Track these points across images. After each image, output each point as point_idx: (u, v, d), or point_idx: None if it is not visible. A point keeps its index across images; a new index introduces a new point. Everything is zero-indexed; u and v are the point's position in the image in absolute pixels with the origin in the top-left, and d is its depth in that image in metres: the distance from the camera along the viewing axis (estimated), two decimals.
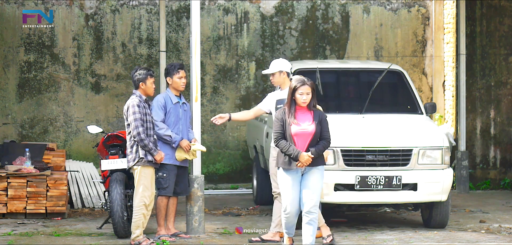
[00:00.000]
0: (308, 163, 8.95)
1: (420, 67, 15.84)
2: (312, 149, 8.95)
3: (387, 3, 15.75)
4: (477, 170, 15.61)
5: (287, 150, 8.96)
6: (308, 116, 9.03)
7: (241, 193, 14.80)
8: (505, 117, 15.57)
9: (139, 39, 15.19)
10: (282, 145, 8.99)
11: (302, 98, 8.99)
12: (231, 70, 15.40)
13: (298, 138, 8.99)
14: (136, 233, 10.07)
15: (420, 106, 12.00)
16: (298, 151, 8.93)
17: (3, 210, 11.94)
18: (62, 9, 15.01)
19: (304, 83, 9.00)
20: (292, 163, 8.98)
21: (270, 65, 10.53)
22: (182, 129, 10.50)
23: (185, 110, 10.61)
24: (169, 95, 10.52)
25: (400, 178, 10.82)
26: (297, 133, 8.98)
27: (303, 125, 8.99)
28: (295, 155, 8.93)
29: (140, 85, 10.12)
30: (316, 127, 8.99)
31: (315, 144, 9.00)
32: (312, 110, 9.06)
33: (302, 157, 8.92)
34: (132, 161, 10.03)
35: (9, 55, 14.89)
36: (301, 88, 8.98)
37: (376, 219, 12.17)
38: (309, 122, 9.01)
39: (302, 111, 9.04)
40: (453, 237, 10.81)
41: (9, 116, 14.87)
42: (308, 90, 9.00)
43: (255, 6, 15.49)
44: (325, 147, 9.04)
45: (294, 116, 8.98)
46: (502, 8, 15.49)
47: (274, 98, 10.47)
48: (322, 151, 9.03)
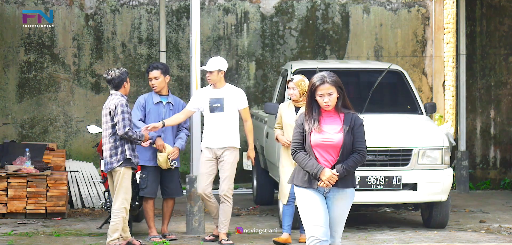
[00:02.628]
0: (332, 182, 6.96)
1: (420, 67, 15.84)
2: (338, 166, 6.96)
3: (387, 3, 15.75)
4: (477, 170, 15.61)
5: (306, 165, 7.00)
6: (335, 122, 7.05)
7: (241, 193, 14.80)
8: (505, 117, 15.56)
9: (139, 39, 15.19)
10: (300, 159, 7.05)
11: (323, 101, 6.99)
12: (231, 70, 15.40)
13: (320, 150, 7.02)
14: (113, 237, 9.76)
15: (420, 106, 12.00)
16: (319, 167, 6.95)
17: (3, 210, 11.95)
18: (62, 9, 15.01)
19: (324, 81, 7.00)
20: (312, 181, 7.02)
21: (209, 63, 10.36)
22: (165, 130, 10.43)
23: (171, 109, 10.50)
24: (151, 95, 10.52)
25: (400, 178, 10.82)
26: (319, 143, 7.00)
27: (327, 134, 7.00)
28: (315, 172, 6.95)
29: (123, 85, 9.88)
30: (345, 136, 6.96)
31: (345, 158, 6.99)
32: (343, 112, 7.06)
33: (324, 174, 6.94)
34: (116, 163, 9.70)
35: (9, 55, 14.89)
36: (320, 87, 7.00)
37: (376, 219, 12.17)
38: (336, 129, 7.01)
39: (329, 115, 7.06)
40: (453, 237, 10.81)
41: (9, 116, 14.87)
42: (330, 89, 6.99)
43: (255, 6, 15.49)
44: (357, 162, 7.00)
45: (317, 122, 7.02)
46: (502, 8, 15.49)
47: (205, 96, 10.33)
48: (353, 168, 7.01)
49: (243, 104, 10.38)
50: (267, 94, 15.32)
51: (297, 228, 10.68)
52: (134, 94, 15.16)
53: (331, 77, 7.02)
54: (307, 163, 6.99)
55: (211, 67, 10.29)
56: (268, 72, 15.47)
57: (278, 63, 15.36)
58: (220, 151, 10.26)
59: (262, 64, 15.44)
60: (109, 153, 9.73)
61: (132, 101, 15.09)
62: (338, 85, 7.03)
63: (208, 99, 10.28)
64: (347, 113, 7.04)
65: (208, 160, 10.28)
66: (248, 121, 10.45)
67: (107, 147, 9.76)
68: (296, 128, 7.14)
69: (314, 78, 7.06)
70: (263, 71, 15.48)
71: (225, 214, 10.29)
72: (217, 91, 10.30)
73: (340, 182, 6.98)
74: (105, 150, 9.78)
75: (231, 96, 10.31)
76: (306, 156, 7.01)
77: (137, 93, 15.13)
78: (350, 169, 6.98)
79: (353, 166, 6.98)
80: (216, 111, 10.25)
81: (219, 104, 10.25)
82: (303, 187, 7.05)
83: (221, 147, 10.26)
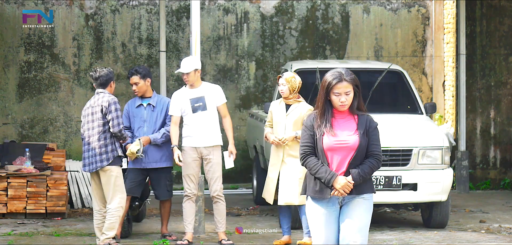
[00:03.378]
0: (347, 190, 6.42)
1: (420, 67, 15.84)
2: (354, 171, 6.42)
3: (387, 3, 15.75)
4: (477, 170, 15.61)
5: (317, 172, 6.42)
6: (350, 124, 6.52)
7: (241, 193, 14.80)
8: (505, 117, 15.57)
9: (139, 39, 15.19)
10: (311, 164, 6.46)
11: (339, 100, 6.44)
12: (231, 70, 15.40)
13: (334, 154, 6.46)
14: (108, 235, 9.59)
15: (420, 106, 12.00)
16: (333, 173, 6.40)
17: (3, 210, 11.94)
18: (62, 9, 15.01)
19: (341, 79, 6.44)
20: (325, 190, 6.44)
21: (184, 64, 10.28)
22: (146, 132, 10.39)
23: (152, 111, 10.45)
24: (134, 101, 10.54)
25: (400, 178, 10.82)
26: (332, 146, 6.44)
27: (341, 136, 6.46)
28: (328, 179, 6.40)
29: (110, 84, 9.75)
30: (360, 138, 6.45)
31: (358, 163, 6.46)
32: (357, 114, 6.54)
33: (338, 182, 6.39)
34: (106, 161, 9.53)
35: (9, 55, 14.89)
36: (338, 85, 6.43)
37: (376, 219, 12.16)
38: (351, 131, 6.48)
39: (342, 116, 6.52)
40: (453, 237, 10.81)
41: (9, 116, 14.87)
42: (348, 88, 6.44)
43: (255, 6, 15.49)
44: (373, 168, 6.48)
45: (330, 124, 6.45)
46: (502, 8, 15.49)
47: (184, 97, 10.27)
48: (369, 174, 6.48)
49: (222, 100, 10.36)
50: (267, 94, 15.32)
51: (297, 228, 10.67)
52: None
53: (349, 75, 6.46)
54: (319, 169, 6.41)
55: (187, 69, 10.21)
56: (268, 72, 15.47)
57: (278, 63, 15.36)
58: (207, 151, 10.22)
59: (262, 64, 15.44)
60: (99, 151, 9.53)
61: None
62: (355, 84, 6.49)
63: (189, 99, 10.21)
64: (361, 115, 6.52)
65: (194, 160, 10.22)
66: (227, 117, 10.39)
67: (96, 145, 9.56)
68: (305, 130, 6.53)
69: (330, 75, 6.46)
70: (263, 71, 15.48)
71: (221, 213, 10.30)
72: (196, 90, 10.25)
73: (356, 189, 6.44)
74: (93, 148, 9.58)
75: (211, 94, 10.29)
76: (318, 162, 6.44)
77: None
78: (366, 175, 6.43)
79: (369, 172, 6.45)
80: (199, 110, 10.19)
81: (201, 103, 10.21)
82: (314, 199, 6.48)
83: (208, 146, 10.23)
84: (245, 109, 15.33)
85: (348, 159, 6.44)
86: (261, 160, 13.01)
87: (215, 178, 10.24)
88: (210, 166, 10.24)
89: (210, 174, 10.26)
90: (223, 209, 10.31)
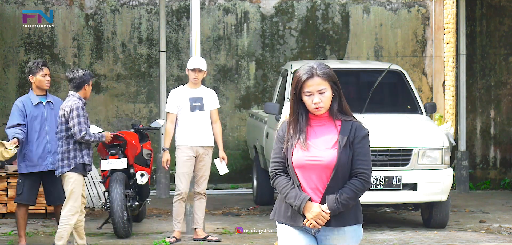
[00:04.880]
0: (322, 222, 5.01)
1: (420, 67, 15.84)
2: (331, 198, 4.98)
3: (387, 3, 15.75)
4: (477, 170, 15.61)
5: (287, 196, 5.05)
6: (329, 132, 5.07)
7: (241, 193, 14.80)
8: (505, 117, 15.57)
9: (139, 39, 15.19)
10: (280, 186, 5.11)
11: (312, 101, 5.03)
12: (231, 70, 15.40)
13: (306, 174, 5.04)
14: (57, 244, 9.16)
15: (420, 106, 12.00)
16: (303, 198, 5.01)
17: (3, 210, 11.94)
18: (62, 9, 15.00)
19: (312, 74, 5.03)
20: (297, 217, 5.07)
21: (200, 62, 10.35)
22: (49, 131, 9.63)
23: (51, 108, 9.69)
24: (29, 97, 9.62)
25: (400, 178, 10.82)
26: (302, 164, 5.03)
27: (314, 150, 5.02)
28: (298, 205, 5.01)
29: (84, 87, 9.24)
30: (340, 153, 4.98)
31: (339, 183, 5.00)
32: (339, 119, 5.08)
33: (310, 210, 4.99)
34: (67, 167, 9.07)
35: (9, 55, 14.89)
36: (308, 83, 5.03)
37: (376, 219, 12.17)
38: (330, 143, 5.04)
39: (320, 122, 5.09)
40: (453, 237, 10.81)
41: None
42: (321, 85, 5.02)
43: (255, 6, 15.49)
44: (357, 192, 4.99)
45: (305, 134, 5.04)
46: (502, 8, 15.48)
47: (183, 95, 10.34)
48: (352, 199, 5.00)
49: (216, 105, 10.51)
50: (267, 94, 15.32)
51: None
52: (134, 94, 15.17)
53: (323, 69, 5.04)
54: (289, 193, 5.03)
55: (204, 66, 10.38)
56: (268, 72, 15.47)
57: (278, 63, 15.36)
58: (202, 150, 10.34)
59: (262, 64, 15.44)
60: (61, 156, 9.10)
61: (134, 102, 15.13)
62: (332, 80, 5.04)
63: (188, 98, 10.34)
64: (345, 121, 5.05)
65: (189, 158, 10.33)
66: (218, 122, 10.53)
67: (59, 150, 9.14)
68: (277, 143, 5.14)
69: (300, 70, 5.09)
70: (263, 71, 15.48)
71: (202, 210, 10.46)
72: (196, 90, 10.38)
73: (335, 219, 5.00)
74: (58, 153, 9.18)
75: (208, 96, 10.44)
76: (288, 183, 5.05)
77: (137, 93, 15.15)
78: (347, 202, 4.97)
79: (351, 198, 4.97)
80: (197, 110, 10.32)
81: (200, 103, 10.34)
82: (286, 225, 5.11)
83: (204, 145, 10.35)
84: (245, 109, 15.34)
85: (325, 179, 5.01)
86: (261, 160, 13.01)
87: (205, 176, 10.41)
88: (203, 165, 10.38)
89: (201, 172, 10.39)
90: (204, 207, 10.48)
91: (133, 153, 10.87)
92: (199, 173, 10.39)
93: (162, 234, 10.81)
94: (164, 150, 10.42)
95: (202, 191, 10.42)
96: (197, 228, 10.43)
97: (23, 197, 9.73)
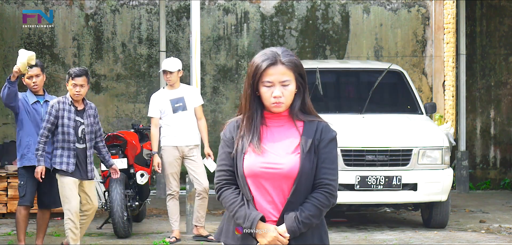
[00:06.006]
0: None
1: (420, 67, 15.84)
2: (290, 216, 4.04)
3: (387, 3, 15.75)
4: (477, 170, 15.61)
5: (235, 214, 4.16)
6: (290, 135, 4.13)
7: None
8: (505, 117, 15.57)
9: (139, 39, 15.19)
10: (227, 202, 4.18)
11: (272, 94, 4.11)
12: (231, 70, 15.40)
13: (261, 185, 4.10)
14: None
15: (420, 106, 12.00)
16: (255, 216, 4.10)
17: (3, 210, 11.94)
18: (62, 9, 15.01)
19: (276, 61, 4.10)
20: (249, 239, 4.18)
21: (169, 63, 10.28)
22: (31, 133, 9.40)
23: None
24: (26, 95, 9.47)
25: (400, 178, 10.82)
26: (257, 172, 4.08)
27: (272, 156, 4.09)
28: (248, 226, 4.13)
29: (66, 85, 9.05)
30: (303, 160, 4.05)
31: (301, 197, 4.06)
32: (301, 119, 4.14)
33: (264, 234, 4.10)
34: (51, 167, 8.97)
35: (9, 55, 14.89)
36: (269, 71, 4.11)
37: (376, 219, 12.17)
38: (290, 147, 4.10)
39: (278, 122, 4.16)
40: (453, 237, 10.81)
41: (9, 116, 14.86)
42: (285, 75, 4.09)
43: (255, 6, 15.49)
44: (321, 207, 4.05)
45: (258, 135, 4.11)
46: (502, 8, 15.49)
47: (164, 98, 10.32)
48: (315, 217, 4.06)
49: (199, 101, 10.48)
50: None
51: None
52: (134, 94, 15.17)
53: (288, 56, 4.11)
54: (237, 212, 4.13)
55: (173, 67, 10.31)
56: None
57: None
58: (187, 149, 10.34)
59: None
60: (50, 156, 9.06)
61: (134, 102, 15.12)
62: (298, 72, 4.11)
63: (169, 100, 10.32)
64: (309, 122, 4.12)
65: (176, 159, 10.34)
66: (203, 119, 10.50)
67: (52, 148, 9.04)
68: (223, 147, 4.21)
69: (259, 57, 4.17)
70: None
71: (204, 209, 10.45)
72: (175, 91, 10.37)
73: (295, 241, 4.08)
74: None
75: (189, 95, 10.41)
76: (237, 198, 4.13)
77: (137, 93, 15.14)
78: (309, 221, 4.03)
79: (314, 215, 4.04)
80: (179, 110, 10.32)
81: (181, 103, 10.33)
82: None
83: (190, 145, 10.34)
84: None
85: (285, 191, 4.07)
86: None
87: (200, 173, 10.36)
88: (193, 164, 10.37)
89: (194, 169, 10.39)
90: (206, 205, 10.45)
91: (133, 153, 10.87)
92: (192, 174, 10.38)
93: (162, 234, 10.81)
94: (153, 155, 10.39)
95: (204, 188, 10.34)
96: (198, 225, 10.42)
97: (27, 198, 9.57)
